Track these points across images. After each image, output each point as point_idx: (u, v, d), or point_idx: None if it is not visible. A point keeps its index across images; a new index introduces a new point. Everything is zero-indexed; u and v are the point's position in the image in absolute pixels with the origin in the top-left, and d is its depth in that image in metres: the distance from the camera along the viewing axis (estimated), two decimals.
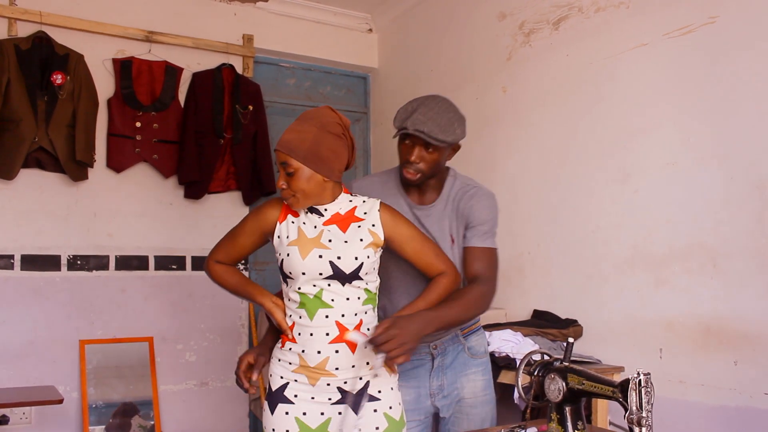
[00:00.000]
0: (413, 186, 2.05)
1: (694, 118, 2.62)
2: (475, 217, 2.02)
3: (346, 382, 1.78)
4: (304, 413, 1.78)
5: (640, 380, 1.49)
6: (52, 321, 3.60)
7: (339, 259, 1.77)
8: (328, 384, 1.78)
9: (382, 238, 1.84)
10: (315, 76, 4.69)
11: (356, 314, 1.79)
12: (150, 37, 3.90)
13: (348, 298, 1.78)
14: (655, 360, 2.70)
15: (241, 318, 4.15)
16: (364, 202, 1.89)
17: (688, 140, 2.64)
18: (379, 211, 1.87)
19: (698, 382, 2.56)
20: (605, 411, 2.69)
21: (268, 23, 4.33)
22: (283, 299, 1.86)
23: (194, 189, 3.97)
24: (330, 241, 1.79)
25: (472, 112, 2.09)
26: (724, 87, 2.52)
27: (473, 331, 2.14)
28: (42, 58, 3.51)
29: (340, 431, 1.79)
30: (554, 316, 3.11)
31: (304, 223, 1.83)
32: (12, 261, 3.53)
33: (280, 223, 1.84)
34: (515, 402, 2.75)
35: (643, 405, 1.48)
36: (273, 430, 1.79)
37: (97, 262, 3.74)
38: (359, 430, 1.78)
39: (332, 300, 1.77)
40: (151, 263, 3.90)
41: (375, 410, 1.80)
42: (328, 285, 1.77)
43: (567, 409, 1.73)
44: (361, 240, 1.81)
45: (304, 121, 1.79)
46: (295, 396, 1.79)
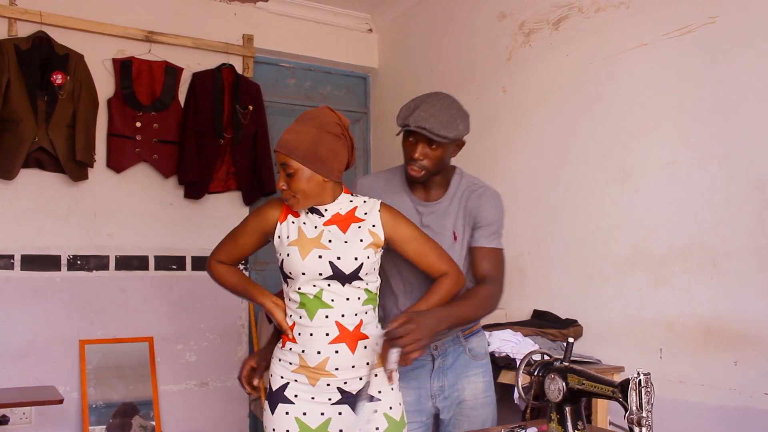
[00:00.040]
0: (418, 183, 2.05)
1: (694, 118, 2.62)
2: (483, 218, 2.03)
3: (346, 383, 1.78)
4: (304, 413, 1.78)
5: (640, 380, 1.49)
6: (52, 321, 3.60)
7: (339, 259, 1.77)
8: (328, 384, 1.78)
9: (383, 239, 1.84)
10: (315, 76, 4.69)
11: (356, 314, 1.79)
12: (150, 37, 3.90)
13: (348, 299, 1.79)
14: (655, 360, 2.70)
15: (241, 318, 4.15)
16: (365, 202, 1.89)
17: (688, 140, 2.64)
18: (379, 211, 1.86)
19: (698, 382, 2.56)
20: (605, 411, 2.69)
21: (268, 23, 4.32)
22: (284, 299, 1.86)
23: (194, 189, 3.96)
24: (330, 242, 1.79)
25: (472, 112, 2.09)
26: (724, 87, 2.52)
27: (474, 333, 2.14)
28: (42, 58, 3.50)
29: (341, 431, 1.79)
30: (554, 316, 3.11)
31: (304, 223, 1.83)
32: (12, 261, 3.53)
33: (281, 223, 1.84)
34: (515, 402, 2.75)
35: (643, 405, 1.48)
36: (273, 429, 1.80)
37: (97, 262, 3.74)
38: (359, 431, 1.78)
39: (332, 300, 1.77)
40: (151, 263, 3.90)
41: (375, 410, 1.80)
42: (328, 285, 1.77)
43: (567, 409, 1.73)
44: (361, 240, 1.81)
45: (303, 122, 1.79)
46: (295, 396, 1.79)
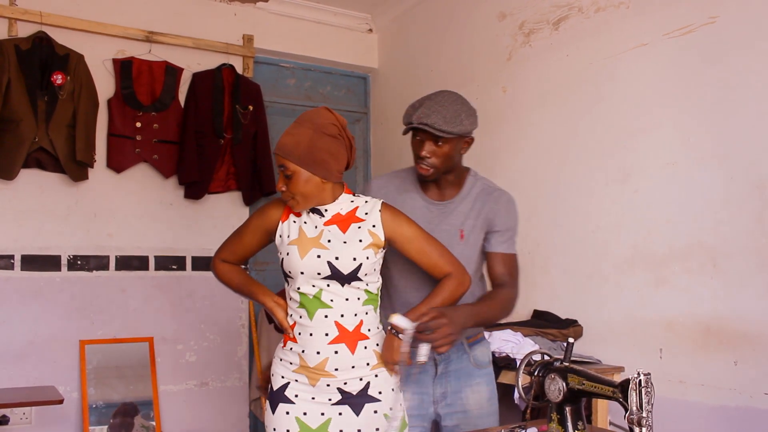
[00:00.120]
0: (430, 182, 2.06)
1: (694, 118, 2.62)
2: (500, 223, 2.04)
3: (345, 383, 1.78)
4: (304, 413, 1.78)
5: (640, 380, 1.48)
6: (52, 321, 3.60)
7: (337, 259, 1.77)
8: (328, 385, 1.78)
9: (383, 239, 1.84)
10: (315, 76, 4.69)
11: (356, 315, 1.79)
12: (150, 38, 3.89)
13: (347, 299, 1.79)
14: (655, 360, 2.70)
15: (241, 318, 4.15)
16: (366, 202, 1.89)
17: (688, 140, 2.64)
18: (380, 211, 1.86)
19: (698, 382, 2.56)
20: (605, 411, 2.69)
21: (268, 23, 4.32)
22: (286, 299, 1.87)
23: (194, 189, 3.96)
24: (329, 242, 1.79)
25: None
26: (724, 87, 2.52)
27: (478, 341, 2.13)
28: (42, 59, 3.50)
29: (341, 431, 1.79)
30: (554, 316, 3.11)
31: (305, 223, 1.83)
32: (12, 261, 3.53)
33: (283, 222, 1.85)
34: (515, 402, 2.75)
35: (643, 405, 1.48)
36: (274, 429, 1.80)
37: (97, 262, 3.74)
38: (359, 431, 1.78)
39: (331, 300, 1.77)
40: (151, 263, 3.90)
41: (375, 411, 1.80)
42: (327, 285, 1.77)
43: (567, 409, 1.73)
44: (361, 241, 1.81)
45: (299, 124, 1.79)
46: (295, 396, 1.80)
